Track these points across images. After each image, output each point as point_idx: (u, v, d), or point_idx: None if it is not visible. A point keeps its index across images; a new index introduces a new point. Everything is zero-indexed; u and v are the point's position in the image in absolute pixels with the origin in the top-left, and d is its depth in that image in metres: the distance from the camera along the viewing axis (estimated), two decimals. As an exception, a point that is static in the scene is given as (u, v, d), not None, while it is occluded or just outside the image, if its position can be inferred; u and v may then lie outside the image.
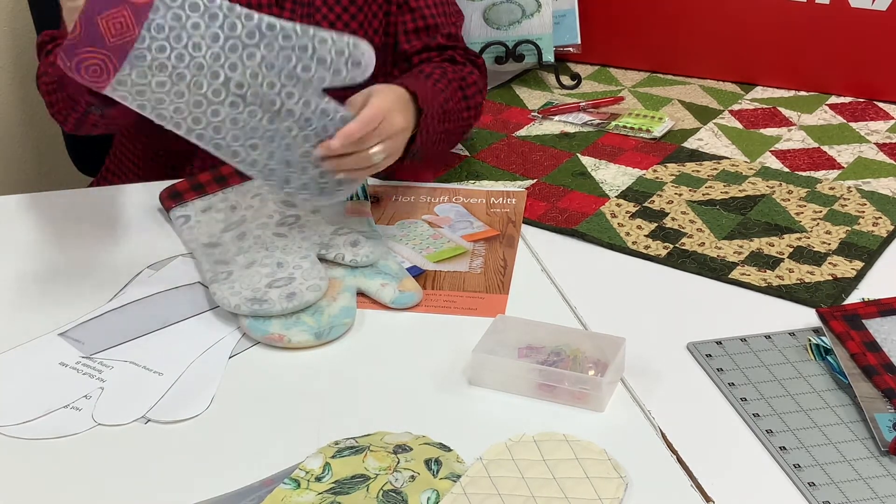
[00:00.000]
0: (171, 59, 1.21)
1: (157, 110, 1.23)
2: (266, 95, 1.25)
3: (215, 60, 1.23)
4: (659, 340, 1.25)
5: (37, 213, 1.52)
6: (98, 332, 1.25)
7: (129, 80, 1.20)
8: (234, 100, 1.24)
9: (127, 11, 1.18)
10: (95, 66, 1.18)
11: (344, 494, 1.01)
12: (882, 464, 1.06)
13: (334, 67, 1.26)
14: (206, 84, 1.23)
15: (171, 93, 1.22)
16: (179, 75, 1.22)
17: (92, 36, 1.17)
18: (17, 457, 1.08)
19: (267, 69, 1.24)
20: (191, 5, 1.20)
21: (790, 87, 1.95)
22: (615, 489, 1.02)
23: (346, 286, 1.31)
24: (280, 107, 1.26)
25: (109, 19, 1.17)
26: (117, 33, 1.18)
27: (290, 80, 1.25)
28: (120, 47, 1.18)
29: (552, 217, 1.52)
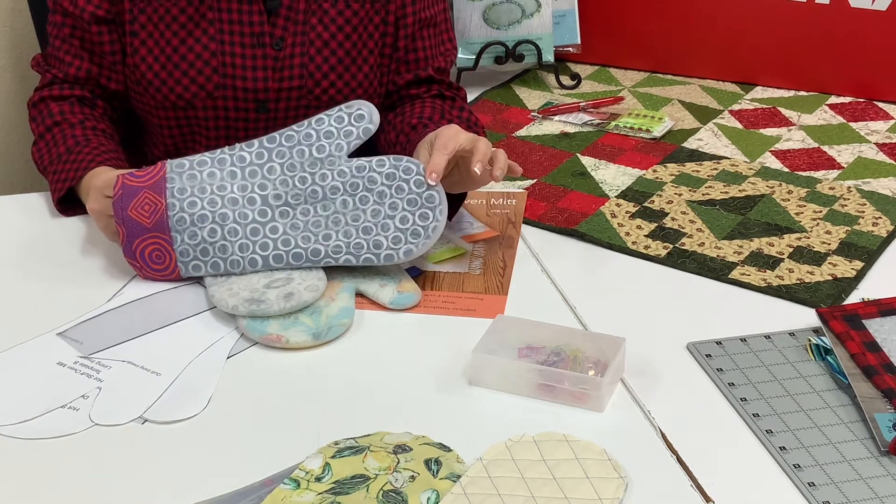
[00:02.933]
0: (206, 207, 1.30)
1: (230, 259, 1.31)
2: (305, 190, 1.31)
3: (244, 190, 1.31)
4: (659, 340, 1.24)
5: (37, 213, 1.52)
6: (96, 331, 1.24)
7: (188, 247, 1.30)
8: (281, 210, 1.31)
9: (147, 193, 1.29)
10: (154, 252, 1.31)
11: (344, 494, 1.00)
12: (882, 464, 1.06)
13: (343, 132, 1.32)
14: (250, 212, 1.31)
15: (227, 234, 1.30)
16: (223, 216, 1.30)
17: (134, 229, 1.29)
18: (14, 456, 1.08)
19: (290, 171, 1.31)
20: (199, 163, 1.31)
21: (790, 87, 1.95)
22: (615, 489, 1.02)
23: (344, 287, 1.31)
24: (323, 191, 1.31)
25: (137, 207, 1.29)
26: (150, 212, 1.29)
27: (315, 166, 1.31)
28: (159, 222, 1.29)
29: (552, 217, 1.51)
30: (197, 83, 1.49)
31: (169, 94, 1.49)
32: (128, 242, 1.30)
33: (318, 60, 1.51)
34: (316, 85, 1.51)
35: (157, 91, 1.50)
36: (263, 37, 1.49)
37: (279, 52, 1.49)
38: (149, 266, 1.31)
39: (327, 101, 1.51)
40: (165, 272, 1.31)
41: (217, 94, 1.49)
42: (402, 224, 1.30)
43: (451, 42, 1.62)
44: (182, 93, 1.49)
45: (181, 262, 1.31)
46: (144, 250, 1.30)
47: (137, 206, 1.29)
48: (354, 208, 1.31)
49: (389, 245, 1.30)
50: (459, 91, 1.62)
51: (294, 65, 1.50)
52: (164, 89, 1.49)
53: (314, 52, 1.50)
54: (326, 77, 1.51)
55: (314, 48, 1.50)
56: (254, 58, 1.49)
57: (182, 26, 1.48)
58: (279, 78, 1.50)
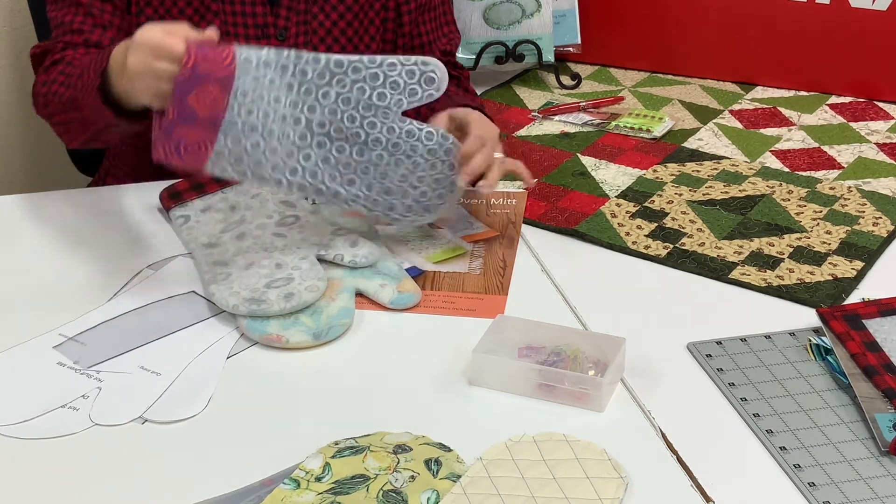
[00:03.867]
0: (259, 119, 1.25)
1: (258, 174, 1.28)
2: (349, 129, 1.29)
3: (295, 108, 1.28)
4: (659, 340, 1.24)
5: (36, 213, 1.52)
6: (93, 345, 1.23)
7: (225, 150, 1.25)
8: (320, 140, 1.29)
9: (213, 86, 1.22)
10: (193, 145, 1.23)
11: (344, 494, 1.00)
12: (882, 464, 1.06)
13: (409, 89, 1.30)
14: (293, 132, 1.28)
15: (266, 151, 1.27)
16: (269, 132, 1.26)
17: (184, 115, 1.22)
18: (14, 456, 1.08)
19: (344, 104, 1.29)
20: (264, 63, 1.25)
21: (790, 87, 1.95)
22: (615, 489, 1.02)
23: (344, 287, 1.31)
24: (366, 138, 1.30)
25: (199, 96, 1.22)
26: (208, 107, 1.22)
27: (369, 110, 1.29)
28: (211, 120, 1.23)
29: (552, 217, 1.51)
30: None
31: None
32: (169, 126, 1.22)
33: (322, 49, 1.52)
34: None
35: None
36: (267, 28, 1.49)
37: (283, 42, 1.50)
38: (178, 154, 1.23)
39: None
40: (190, 164, 1.24)
41: None
42: (420, 197, 1.33)
43: (453, 24, 1.63)
44: None
45: (212, 161, 1.25)
46: (183, 139, 1.23)
47: (200, 95, 1.22)
48: (386, 166, 1.31)
49: (400, 211, 1.34)
50: (463, 71, 1.63)
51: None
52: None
53: (317, 41, 1.51)
54: None
55: (317, 37, 1.51)
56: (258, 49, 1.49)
57: (188, 19, 1.48)
58: None
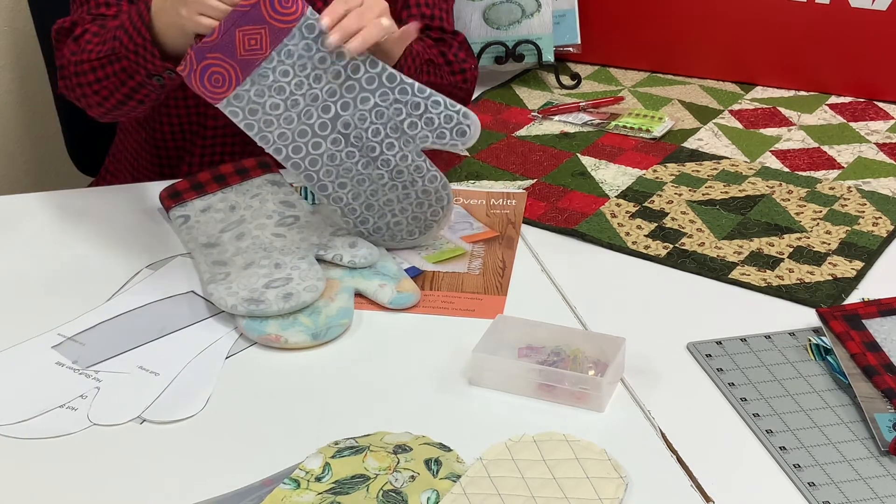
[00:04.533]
0: (290, 85, 1.26)
1: (263, 132, 1.28)
2: (368, 141, 1.29)
3: (330, 96, 1.28)
4: (659, 340, 1.24)
5: (36, 213, 1.52)
6: (92, 345, 1.23)
7: (246, 95, 1.26)
8: (336, 137, 1.29)
9: (265, 31, 1.23)
10: (219, 75, 1.24)
11: (344, 494, 1.00)
12: (882, 464, 1.06)
13: (439, 130, 1.30)
14: (316, 116, 1.28)
15: (282, 118, 1.27)
16: (294, 101, 1.27)
17: (226, 45, 1.22)
18: (12, 456, 1.08)
19: (376, 117, 1.29)
20: (322, 43, 1.25)
21: (790, 87, 1.95)
22: (615, 489, 1.02)
23: (343, 287, 1.30)
24: (378, 155, 1.30)
25: (246, 34, 1.22)
26: (250, 49, 1.23)
27: (395, 132, 1.30)
28: (248, 62, 1.23)
29: (552, 217, 1.51)
30: None
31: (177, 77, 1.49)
32: (205, 48, 1.22)
33: None
34: None
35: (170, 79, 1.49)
36: None
37: None
38: (201, 78, 1.23)
39: None
40: (208, 93, 1.25)
41: None
42: (394, 226, 1.36)
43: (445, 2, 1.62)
44: None
45: (228, 100, 1.25)
46: (211, 67, 1.23)
47: (248, 34, 1.22)
48: (382, 185, 1.32)
49: (370, 228, 1.36)
50: (457, 35, 1.61)
51: None
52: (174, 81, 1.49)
53: None
54: None
55: None
56: None
57: None
58: None
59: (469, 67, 1.58)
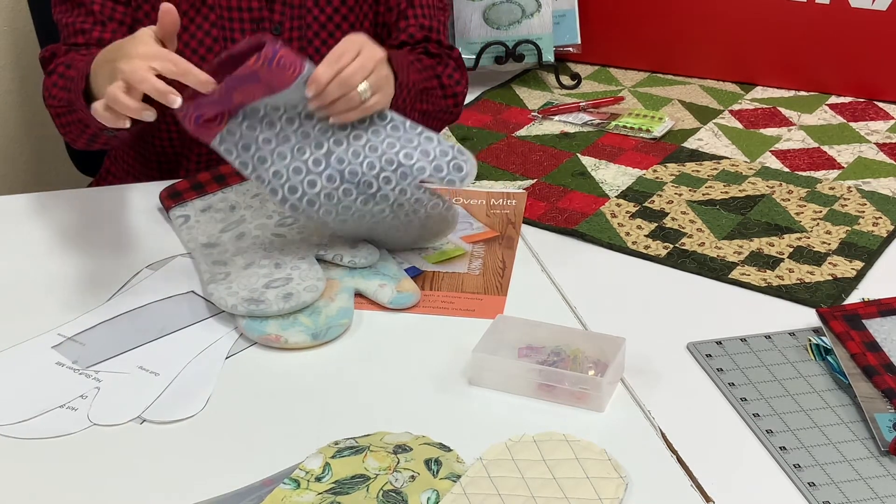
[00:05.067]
0: (281, 120, 1.27)
1: (258, 170, 1.27)
2: (364, 176, 1.27)
3: (323, 133, 1.27)
4: (659, 340, 1.24)
5: (36, 213, 1.52)
6: (92, 345, 1.23)
7: (238, 130, 1.25)
8: (331, 174, 1.27)
9: (263, 88, 1.23)
10: (213, 118, 1.24)
11: (344, 494, 1.00)
12: (882, 464, 1.06)
13: (436, 163, 1.28)
14: (309, 152, 1.27)
15: (275, 153, 1.26)
16: (285, 137, 1.26)
17: (224, 101, 1.22)
18: (12, 456, 1.08)
19: (370, 151, 1.27)
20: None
21: (790, 87, 1.95)
22: (615, 489, 1.02)
23: (343, 287, 1.30)
24: (376, 191, 1.27)
25: (244, 92, 1.23)
26: (245, 99, 1.24)
27: (391, 164, 1.27)
28: (240, 105, 1.24)
29: (552, 217, 1.51)
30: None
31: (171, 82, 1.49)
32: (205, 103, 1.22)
33: (317, 43, 1.52)
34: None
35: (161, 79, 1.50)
36: (263, 22, 1.50)
37: (278, 36, 1.50)
38: (195, 123, 1.23)
39: None
40: (200, 133, 1.24)
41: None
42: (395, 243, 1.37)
43: (441, 2, 1.61)
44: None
45: (222, 136, 1.25)
46: (206, 114, 1.23)
47: (246, 91, 1.22)
48: (384, 220, 1.31)
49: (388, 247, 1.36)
50: (452, 51, 1.59)
51: (293, 49, 1.50)
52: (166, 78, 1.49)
53: (312, 36, 1.51)
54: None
55: (311, 31, 1.51)
56: None
57: (184, 13, 1.48)
58: None
59: (461, 91, 1.58)
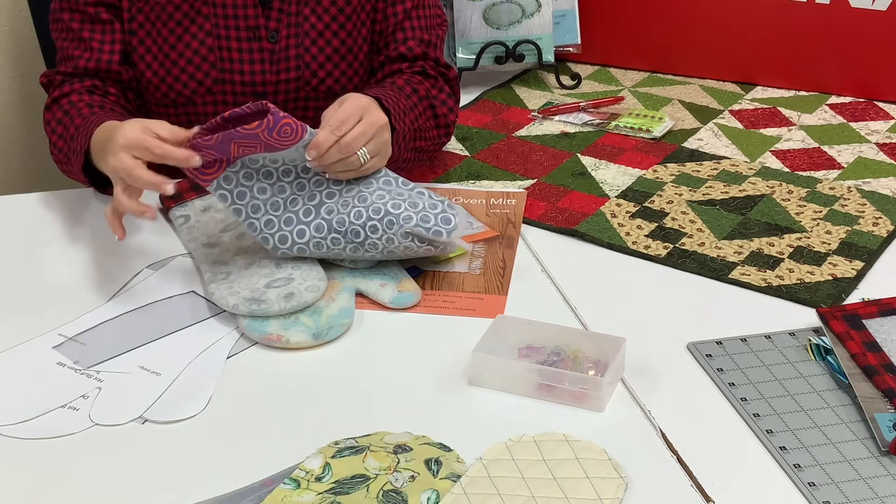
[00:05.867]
0: (278, 171, 1.31)
1: (250, 218, 1.30)
2: (351, 225, 1.29)
3: (317, 186, 1.32)
4: (659, 340, 1.24)
5: (36, 213, 1.52)
6: (93, 345, 1.23)
7: (235, 178, 1.29)
8: (319, 223, 1.30)
9: (260, 148, 1.25)
10: (210, 164, 1.27)
11: (344, 494, 1.00)
12: (882, 464, 1.06)
13: (423, 213, 1.30)
14: (301, 203, 1.31)
15: (269, 203, 1.30)
16: (281, 188, 1.31)
17: (219, 150, 1.25)
18: (14, 456, 1.08)
19: (359, 201, 1.30)
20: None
21: (790, 87, 1.95)
22: (615, 489, 1.02)
23: (344, 287, 1.31)
24: (364, 239, 1.29)
25: (242, 148, 1.25)
26: (243, 154, 1.26)
27: (377, 213, 1.29)
28: (240, 157, 1.27)
29: (552, 217, 1.51)
30: (196, 79, 1.50)
31: (168, 91, 1.50)
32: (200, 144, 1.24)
33: (314, 51, 1.52)
34: (313, 76, 1.52)
35: (157, 89, 1.51)
36: (259, 30, 1.50)
37: (275, 44, 1.50)
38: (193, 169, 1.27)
39: (325, 92, 1.53)
40: (197, 178, 1.27)
41: (216, 88, 1.50)
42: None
43: (439, 17, 1.61)
44: (181, 89, 1.50)
45: (218, 182, 1.28)
46: (205, 159, 1.25)
47: (244, 148, 1.25)
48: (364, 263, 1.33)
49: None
50: (449, 73, 1.59)
51: (290, 56, 1.51)
52: (164, 87, 1.50)
53: (309, 44, 1.51)
54: (323, 67, 1.52)
55: (308, 39, 1.51)
56: (250, 51, 1.50)
57: (178, 23, 1.49)
58: (276, 70, 1.51)
59: (453, 120, 1.58)
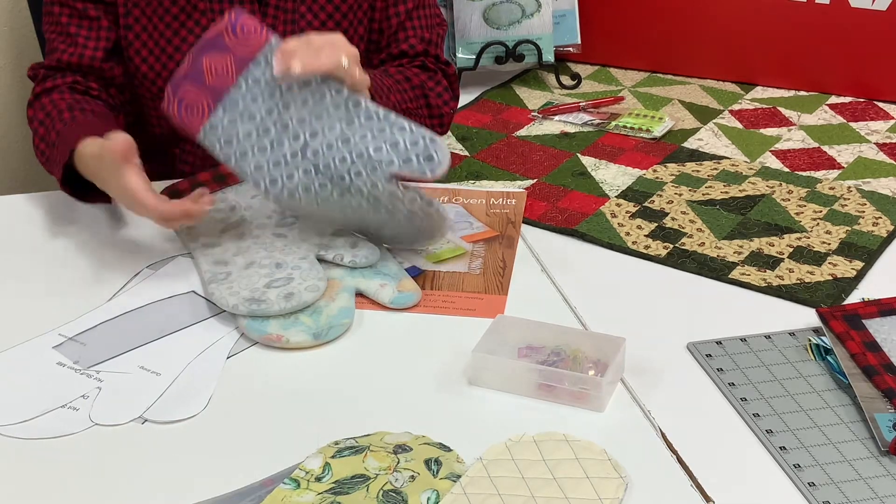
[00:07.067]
0: (261, 111, 1.28)
1: (241, 165, 1.29)
2: (337, 170, 1.26)
3: (299, 123, 1.28)
4: (659, 340, 1.24)
5: (36, 213, 1.52)
6: (93, 345, 1.23)
7: (220, 124, 1.28)
8: (307, 167, 1.27)
9: (230, 59, 1.25)
10: (193, 106, 1.27)
11: (344, 494, 1.00)
12: (882, 464, 1.06)
13: (405, 155, 1.26)
14: (287, 144, 1.28)
15: (256, 147, 1.28)
16: (266, 129, 1.28)
17: (194, 73, 1.25)
18: (14, 456, 1.08)
19: (342, 144, 1.27)
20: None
21: (790, 87, 1.95)
22: (615, 489, 1.02)
23: (344, 287, 1.31)
24: (349, 184, 1.27)
25: (213, 62, 1.25)
26: (217, 76, 1.25)
27: (360, 158, 1.26)
28: (216, 89, 1.25)
29: (552, 217, 1.51)
30: None
31: (164, 85, 1.49)
32: (179, 80, 1.27)
33: None
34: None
35: (153, 83, 1.50)
36: None
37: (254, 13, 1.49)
38: (178, 110, 1.28)
39: None
40: (186, 124, 1.28)
41: None
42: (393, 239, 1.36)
43: (439, 17, 1.62)
44: None
45: (205, 130, 1.28)
46: (186, 98, 1.26)
47: (215, 62, 1.24)
48: (367, 214, 1.30)
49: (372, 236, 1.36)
50: (448, 67, 1.60)
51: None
52: (160, 81, 1.50)
53: None
54: None
55: None
56: None
57: (175, 18, 1.48)
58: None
59: (448, 112, 1.58)
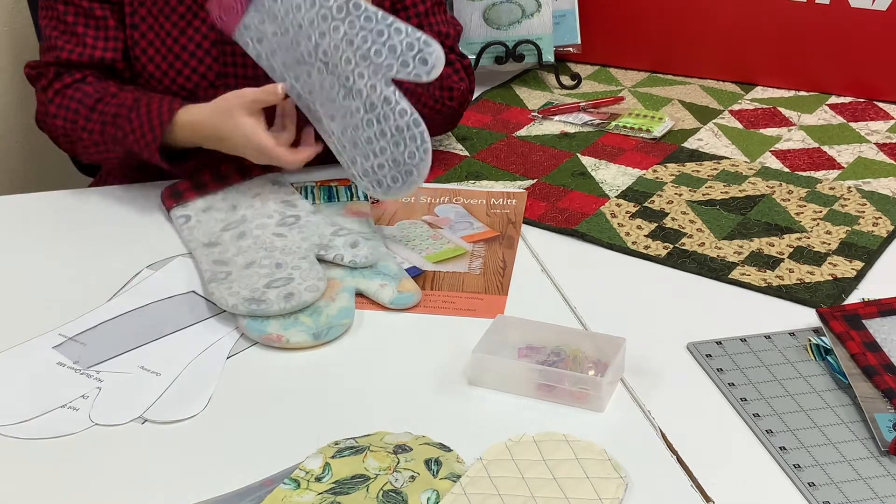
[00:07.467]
0: (280, 11, 1.37)
1: (270, 62, 1.40)
2: (343, 71, 1.35)
3: (310, 24, 1.36)
4: (659, 340, 1.24)
5: (37, 213, 1.52)
6: (93, 345, 1.23)
7: (252, 24, 1.39)
8: (319, 66, 1.36)
9: None
10: (229, 5, 1.40)
11: (344, 494, 1.00)
12: (882, 464, 1.06)
13: (402, 59, 1.33)
14: (304, 44, 1.37)
15: (281, 46, 1.38)
16: (285, 29, 1.37)
17: None
18: (14, 456, 1.08)
19: (347, 45, 1.34)
20: None
21: (790, 87, 1.95)
22: (615, 489, 1.02)
23: (344, 287, 1.31)
24: (352, 84, 1.34)
25: None
26: None
27: (364, 60, 1.33)
28: None
29: (552, 217, 1.51)
30: (198, 73, 1.50)
31: (171, 84, 1.50)
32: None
33: None
34: None
35: (159, 83, 1.50)
36: None
37: None
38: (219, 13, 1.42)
39: None
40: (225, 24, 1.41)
41: (218, 82, 1.50)
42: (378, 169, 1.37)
43: (454, 20, 1.64)
44: (184, 83, 1.50)
45: (240, 30, 1.40)
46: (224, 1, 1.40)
47: None
48: (360, 120, 1.35)
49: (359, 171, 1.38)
50: (464, 59, 1.63)
51: None
52: (166, 80, 1.50)
53: None
54: None
55: None
56: None
57: (181, 17, 1.49)
58: None
59: (461, 88, 1.59)
